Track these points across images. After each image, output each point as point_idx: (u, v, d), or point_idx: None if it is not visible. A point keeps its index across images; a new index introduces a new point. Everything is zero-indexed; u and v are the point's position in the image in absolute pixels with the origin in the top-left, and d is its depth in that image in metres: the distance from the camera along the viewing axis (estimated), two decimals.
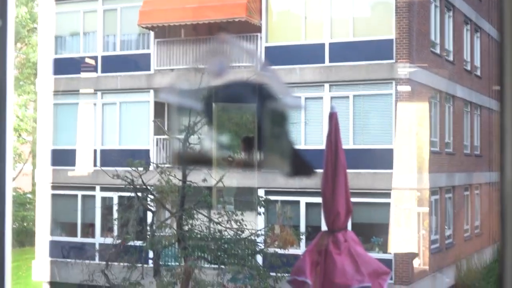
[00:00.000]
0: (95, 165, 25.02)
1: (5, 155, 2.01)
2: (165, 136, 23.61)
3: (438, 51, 25.55)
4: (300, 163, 4.34)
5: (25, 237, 32.72)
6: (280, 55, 23.81)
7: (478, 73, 31.37)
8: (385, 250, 21.96)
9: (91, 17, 26.56)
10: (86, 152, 25.48)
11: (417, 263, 22.08)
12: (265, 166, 3.90)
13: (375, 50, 22.48)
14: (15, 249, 31.19)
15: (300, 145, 22.35)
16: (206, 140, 3.64)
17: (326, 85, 23.18)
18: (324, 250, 4.33)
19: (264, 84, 3.79)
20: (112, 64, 25.80)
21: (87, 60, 25.93)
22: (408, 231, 22.11)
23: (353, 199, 18.89)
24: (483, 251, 31.14)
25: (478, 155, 31.11)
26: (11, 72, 1.98)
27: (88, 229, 25.59)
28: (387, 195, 21.81)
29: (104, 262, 18.95)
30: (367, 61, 22.60)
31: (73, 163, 25.62)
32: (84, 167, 25.11)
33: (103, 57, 26.23)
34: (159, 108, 25.80)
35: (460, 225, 28.41)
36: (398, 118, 22.15)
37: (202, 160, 3.82)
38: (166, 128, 24.83)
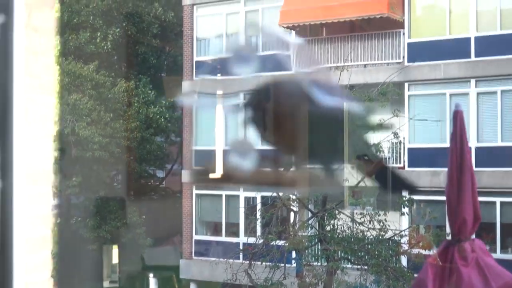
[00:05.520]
0: None
1: (12, 157, 1.96)
2: None
3: None
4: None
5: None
6: (423, 51, 23.26)
7: None
8: None
9: (233, 19, 26.90)
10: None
11: None
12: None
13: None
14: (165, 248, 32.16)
15: (444, 144, 21.74)
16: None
17: (473, 81, 22.42)
18: (449, 262, 4.02)
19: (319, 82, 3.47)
20: None
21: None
22: None
23: (503, 199, 18.12)
24: None
25: None
26: (19, 73, 1.94)
27: (232, 228, 25.96)
28: None
29: (247, 262, 19.12)
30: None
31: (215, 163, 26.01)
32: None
33: None
34: None
35: None
36: None
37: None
38: None
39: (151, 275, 27.46)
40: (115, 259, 28.65)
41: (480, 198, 17.55)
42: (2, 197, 1.85)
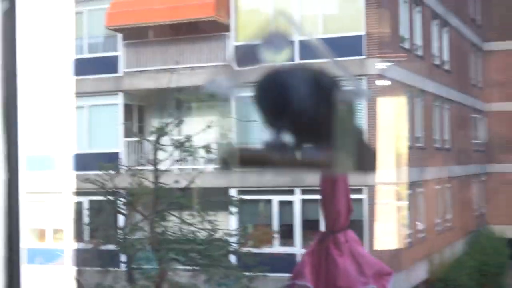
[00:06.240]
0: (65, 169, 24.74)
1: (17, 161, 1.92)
2: (135, 139, 23.36)
3: (407, 46, 25.59)
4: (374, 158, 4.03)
5: None
6: (249, 54, 23.67)
7: (447, 67, 31.52)
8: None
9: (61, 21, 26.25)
10: (57, 156, 25.19)
11: (393, 257, 22.11)
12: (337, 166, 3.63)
13: (345, 46, 22.43)
14: None
15: None
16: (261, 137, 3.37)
17: None
18: (325, 252, 4.14)
19: (326, 71, 3.54)
20: (81, 67, 25.52)
21: None
22: (383, 226, 22.13)
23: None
24: (455, 244, 31.29)
25: (448, 149, 31.26)
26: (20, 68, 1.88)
27: (59, 234, 25.28)
28: (359, 191, 21.78)
29: (76, 268, 18.72)
30: (337, 57, 22.48)
31: (44, 168, 25.29)
32: (54, 171, 24.82)
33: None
34: (128, 111, 25.58)
35: (432, 219, 28.53)
36: (369, 113, 22.14)
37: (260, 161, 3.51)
38: (135, 131, 24.65)
39: None
40: None
41: (308, 196, 18.13)
42: (9, 188, 1.80)
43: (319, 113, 3.38)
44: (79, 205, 24.36)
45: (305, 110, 3.33)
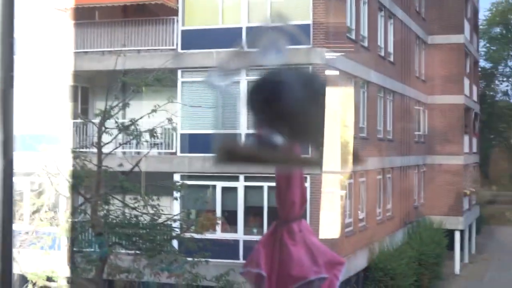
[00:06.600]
0: None
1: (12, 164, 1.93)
2: (80, 120, 23.10)
3: (353, 37, 25.81)
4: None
5: None
6: (196, 38, 23.62)
7: (391, 59, 31.89)
8: None
9: None
10: None
11: (333, 246, 22.37)
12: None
13: (292, 34, 22.45)
14: None
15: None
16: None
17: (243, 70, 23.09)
18: (279, 241, 4.23)
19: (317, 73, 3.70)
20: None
21: None
22: (326, 215, 22.30)
23: (270, 184, 18.76)
24: (395, 233, 31.78)
25: (390, 140, 31.68)
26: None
27: None
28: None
29: (15, 249, 18.46)
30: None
31: None
32: None
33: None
34: (73, 92, 25.30)
35: (373, 209, 28.91)
36: None
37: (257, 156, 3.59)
38: (79, 112, 24.40)
39: None
40: None
41: (251, 183, 18.17)
42: (4, 174, 1.78)
43: (309, 113, 3.47)
44: (21, 186, 24.03)
45: (297, 110, 3.41)
